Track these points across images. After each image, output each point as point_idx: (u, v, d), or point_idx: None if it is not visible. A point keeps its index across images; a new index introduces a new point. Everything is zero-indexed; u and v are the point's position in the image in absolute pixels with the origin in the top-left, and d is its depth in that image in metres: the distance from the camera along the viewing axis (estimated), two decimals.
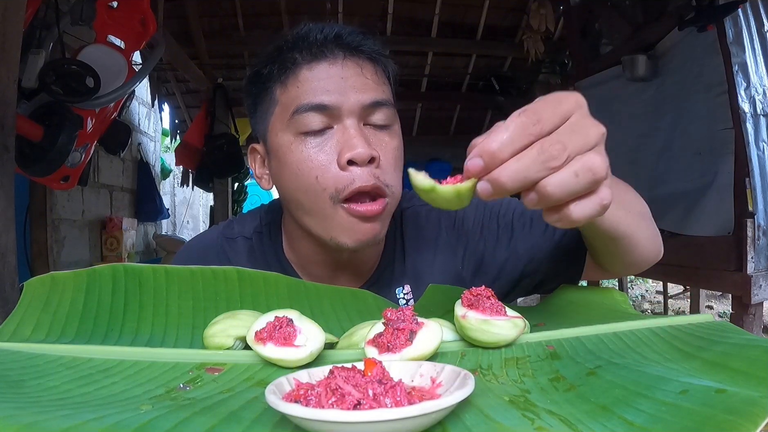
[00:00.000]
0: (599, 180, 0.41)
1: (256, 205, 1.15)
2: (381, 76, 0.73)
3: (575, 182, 0.40)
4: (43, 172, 2.11)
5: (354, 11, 3.94)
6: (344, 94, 0.69)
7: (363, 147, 0.67)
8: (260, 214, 0.89)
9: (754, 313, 2.04)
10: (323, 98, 0.68)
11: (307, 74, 0.70)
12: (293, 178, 0.70)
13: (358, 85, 0.69)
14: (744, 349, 0.44)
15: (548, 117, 0.41)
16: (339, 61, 0.70)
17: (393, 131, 0.73)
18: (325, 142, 0.69)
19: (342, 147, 0.68)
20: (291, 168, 0.70)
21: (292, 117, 0.69)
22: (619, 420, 0.35)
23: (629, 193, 0.66)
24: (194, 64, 3.76)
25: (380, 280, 0.83)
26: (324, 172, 0.68)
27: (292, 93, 0.70)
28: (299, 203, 0.72)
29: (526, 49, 3.74)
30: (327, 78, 0.69)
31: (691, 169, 2.29)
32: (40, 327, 0.54)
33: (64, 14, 2.14)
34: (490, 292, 0.55)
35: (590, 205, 0.42)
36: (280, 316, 0.51)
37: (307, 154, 0.69)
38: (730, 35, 2.09)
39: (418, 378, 0.43)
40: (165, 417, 0.36)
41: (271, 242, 0.85)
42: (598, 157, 0.41)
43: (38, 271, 2.72)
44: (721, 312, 5.18)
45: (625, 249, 0.64)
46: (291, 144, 0.70)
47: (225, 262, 0.83)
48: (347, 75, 0.70)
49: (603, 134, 0.43)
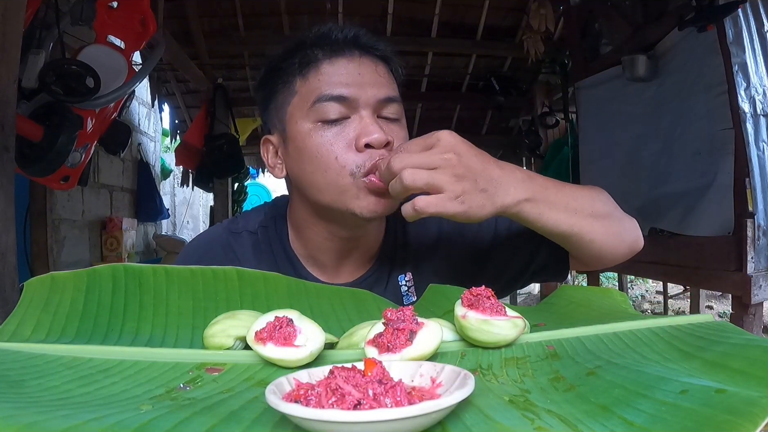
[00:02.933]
0: (408, 189, 0.62)
1: (255, 205, 1.17)
2: (392, 76, 0.81)
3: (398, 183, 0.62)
4: (43, 172, 2.11)
5: (354, 11, 3.94)
6: (362, 87, 0.75)
7: (379, 133, 0.73)
8: (264, 210, 0.93)
9: (754, 313, 2.04)
10: (343, 90, 0.75)
11: (328, 68, 0.76)
12: (313, 160, 0.76)
13: (373, 81, 0.77)
14: (744, 349, 0.44)
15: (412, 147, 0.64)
16: (356, 59, 0.77)
17: (401, 124, 0.81)
18: (343, 130, 0.75)
19: (360, 133, 0.74)
20: (311, 151, 0.76)
21: (313, 106, 0.75)
22: (619, 420, 0.35)
23: (584, 198, 0.75)
24: (194, 64, 3.76)
25: (382, 267, 0.88)
26: (343, 153, 0.74)
27: (313, 84, 0.76)
28: (316, 184, 0.77)
29: (526, 49, 3.74)
30: (346, 72, 0.76)
31: (691, 169, 2.29)
32: (40, 327, 0.54)
33: (64, 14, 2.14)
34: (490, 292, 0.55)
35: (408, 206, 0.63)
36: (280, 316, 0.51)
37: (326, 139, 0.75)
38: (730, 35, 2.09)
39: (418, 378, 0.43)
40: (165, 417, 0.36)
41: (276, 235, 0.88)
42: (417, 174, 0.61)
43: (38, 271, 2.72)
44: (721, 312, 5.18)
45: (577, 245, 0.76)
46: (310, 131, 0.76)
47: (231, 254, 0.87)
48: (364, 71, 0.77)
49: (445, 160, 0.62)
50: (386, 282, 0.86)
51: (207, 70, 4.00)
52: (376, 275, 0.87)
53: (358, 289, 0.71)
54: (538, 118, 4.31)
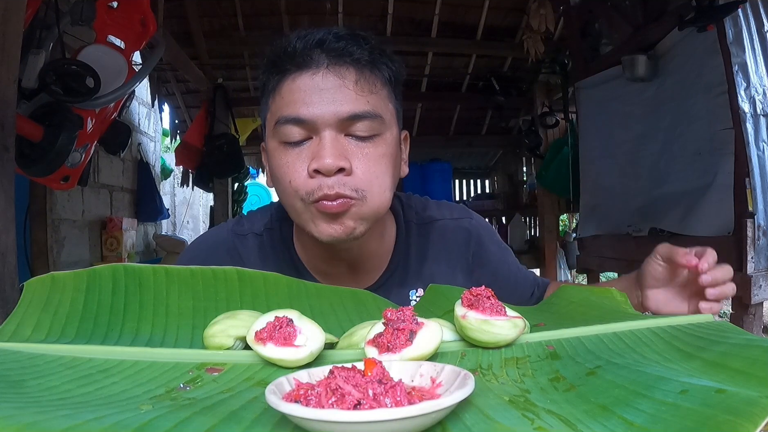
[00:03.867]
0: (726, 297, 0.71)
1: (255, 205, 1.16)
2: (368, 83, 0.72)
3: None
4: (43, 173, 2.11)
5: (354, 11, 3.94)
6: (321, 107, 0.70)
7: (330, 158, 0.69)
8: (271, 211, 0.90)
9: (754, 313, 2.04)
10: (300, 111, 0.70)
11: (291, 85, 0.72)
12: (276, 181, 0.76)
13: (337, 98, 0.70)
14: (744, 349, 0.44)
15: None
16: (321, 71, 0.71)
17: (379, 140, 0.73)
18: (302, 152, 0.72)
19: (313, 157, 0.71)
20: (274, 171, 0.75)
21: (275, 127, 0.73)
22: (619, 420, 0.35)
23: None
24: (194, 64, 3.76)
25: (390, 281, 0.86)
26: (296, 177, 0.72)
27: (277, 103, 0.74)
28: (284, 203, 0.77)
29: (526, 49, 3.74)
30: (306, 90, 0.71)
31: (691, 169, 2.28)
32: (40, 327, 0.54)
33: (64, 14, 2.14)
34: (490, 292, 0.55)
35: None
36: (280, 316, 0.51)
37: (285, 161, 0.73)
38: (730, 35, 2.08)
39: (418, 378, 0.43)
40: (165, 417, 0.36)
41: (282, 239, 0.87)
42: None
43: (38, 271, 2.72)
44: (721, 312, 5.18)
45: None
46: (275, 150, 0.74)
47: (236, 258, 0.85)
48: (327, 86, 0.70)
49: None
50: (395, 296, 0.84)
51: (207, 70, 3.99)
52: (384, 288, 0.84)
53: (358, 289, 0.71)
54: (538, 118, 4.31)
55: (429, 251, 0.89)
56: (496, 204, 5.40)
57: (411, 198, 0.93)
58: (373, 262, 0.86)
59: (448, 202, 0.96)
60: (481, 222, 0.95)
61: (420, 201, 0.93)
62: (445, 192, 5.36)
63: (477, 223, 0.93)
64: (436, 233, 0.90)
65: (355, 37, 0.73)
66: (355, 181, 0.71)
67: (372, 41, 0.75)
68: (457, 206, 0.95)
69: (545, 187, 4.17)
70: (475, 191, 6.44)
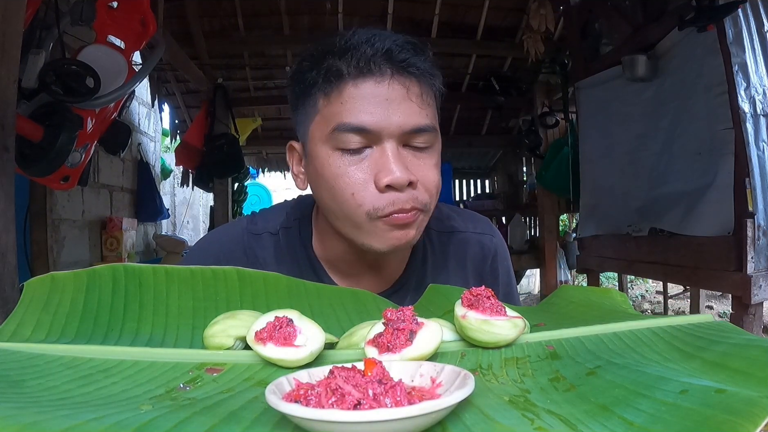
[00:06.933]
0: None
1: (255, 205, 1.16)
2: (426, 97, 0.71)
3: None
4: (43, 173, 2.11)
5: (354, 11, 3.94)
6: (387, 117, 0.68)
7: (401, 172, 0.67)
8: (286, 209, 0.88)
9: (754, 313, 2.04)
10: (365, 120, 0.67)
11: (353, 91, 0.68)
12: (329, 190, 0.71)
13: (402, 110, 0.68)
14: (744, 349, 0.44)
15: None
16: (386, 80, 0.68)
17: (432, 151, 0.73)
18: (363, 161, 0.69)
19: (380, 170, 0.68)
20: (327, 181, 0.71)
21: (332, 133, 0.69)
22: (619, 420, 0.35)
23: None
24: (194, 64, 3.76)
25: (406, 287, 0.85)
26: (360, 190, 0.69)
27: (334, 108, 0.69)
28: (333, 212, 0.73)
29: (526, 49, 3.73)
30: (371, 98, 0.68)
31: (691, 169, 2.28)
32: (40, 327, 0.54)
33: (64, 14, 2.13)
34: (490, 292, 0.55)
35: None
36: (280, 316, 0.51)
37: (344, 170, 0.69)
38: (730, 35, 2.08)
39: (418, 378, 0.43)
40: (165, 417, 0.36)
41: (299, 238, 0.84)
42: None
43: (38, 271, 2.72)
44: (721, 312, 5.18)
45: None
46: (329, 157, 0.70)
47: (252, 258, 0.83)
48: (392, 97, 0.68)
49: None
50: (408, 298, 0.83)
51: (207, 70, 4.00)
52: (399, 293, 0.84)
53: (358, 289, 0.71)
54: (538, 118, 4.31)
55: (447, 261, 0.88)
56: (496, 204, 5.40)
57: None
58: (396, 265, 0.85)
59: (474, 214, 0.95)
60: (501, 242, 0.94)
61: (444, 208, 0.91)
62: (445, 192, 5.36)
63: (498, 242, 0.93)
64: (455, 244, 0.89)
65: (416, 48, 0.71)
66: (421, 193, 0.71)
67: (429, 53, 0.73)
68: (482, 220, 0.94)
69: (545, 187, 4.17)
70: (475, 191, 6.45)
